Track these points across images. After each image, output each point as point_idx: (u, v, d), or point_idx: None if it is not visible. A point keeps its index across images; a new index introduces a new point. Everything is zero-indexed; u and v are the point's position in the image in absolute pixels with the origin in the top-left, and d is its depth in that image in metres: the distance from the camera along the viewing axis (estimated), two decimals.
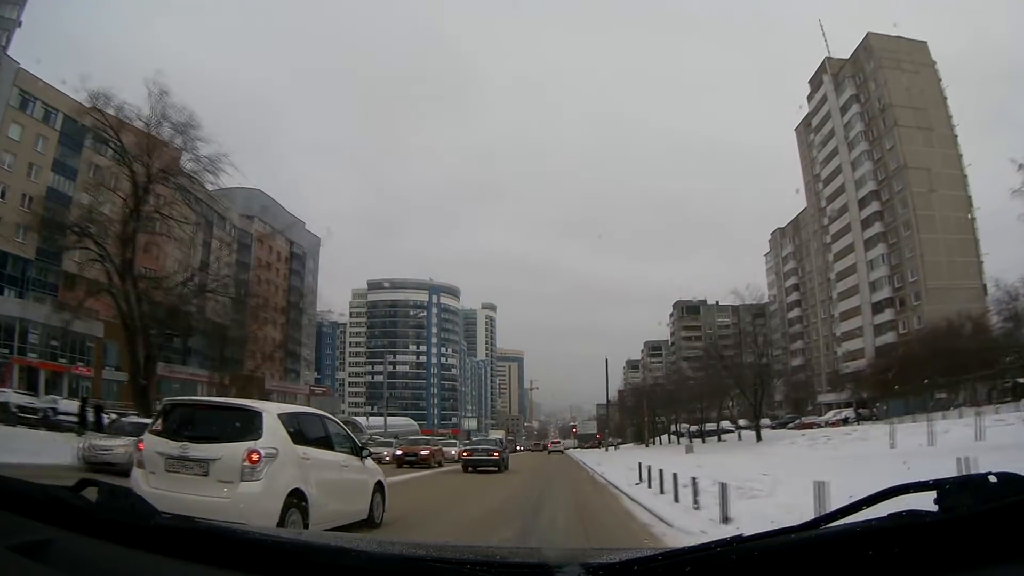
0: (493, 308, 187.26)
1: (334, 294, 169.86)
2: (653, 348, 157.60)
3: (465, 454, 24.98)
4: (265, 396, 73.18)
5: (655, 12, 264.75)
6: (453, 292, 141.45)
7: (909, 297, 60.95)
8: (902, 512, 1.04)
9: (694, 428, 59.02)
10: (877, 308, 63.56)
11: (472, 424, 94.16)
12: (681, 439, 58.02)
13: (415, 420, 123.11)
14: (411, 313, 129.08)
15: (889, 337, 60.88)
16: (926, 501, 1.06)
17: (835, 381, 65.54)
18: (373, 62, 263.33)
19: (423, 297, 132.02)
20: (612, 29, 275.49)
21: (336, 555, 1.27)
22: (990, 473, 1.04)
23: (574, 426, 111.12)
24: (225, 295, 27.92)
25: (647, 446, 60.01)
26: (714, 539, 1.15)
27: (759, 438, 35.12)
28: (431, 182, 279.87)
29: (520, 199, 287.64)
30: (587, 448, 78.26)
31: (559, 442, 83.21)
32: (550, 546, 2.97)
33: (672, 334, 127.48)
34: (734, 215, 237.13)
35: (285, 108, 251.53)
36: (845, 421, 51.28)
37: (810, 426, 50.55)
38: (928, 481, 1.08)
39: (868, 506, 1.12)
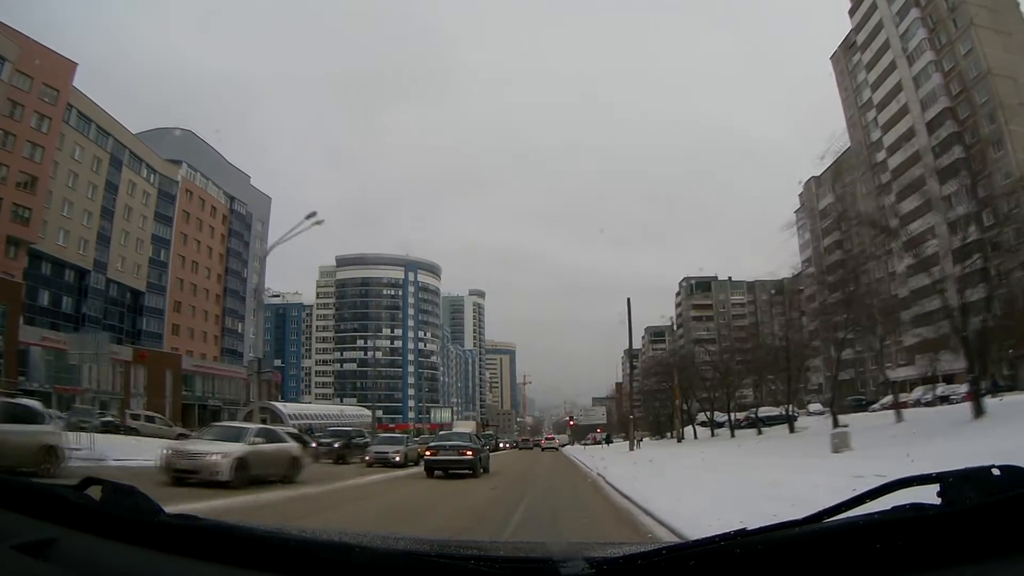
0: (481, 295, 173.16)
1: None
2: (655, 334, 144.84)
3: (428, 453, 19.62)
4: (180, 377, 58.89)
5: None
6: (433, 269, 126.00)
7: (1007, 236, 47.24)
8: (905, 505, 1.03)
9: (739, 415, 44.74)
10: (960, 256, 49.79)
11: (446, 416, 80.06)
12: (726, 430, 43.86)
13: (392, 413, 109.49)
14: (385, 292, 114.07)
15: (979, 292, 47.07)
16: (929, 494, 1.04)
17: (906, 353, 51.54)
18: (357, 52, 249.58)
19: (398, 275, 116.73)
20: (604, 17, 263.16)
21: (341, 551, 1.26)
22: (993, 466, 1.02)
23: (571, 418, 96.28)
24: None
25: (679, 440, 45.17)
26: (718, 533, 1.13)
27: (979, 412, 19.44)
28: (419, 176, 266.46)
29: (511, 193, 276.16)
30: (589, 445, 63.08)
31: (553, 438, 75.45)
32: (554, 540, 2.60)
33: (679, 315, 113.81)
34: (734, 203, 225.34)
35: (265, 97, 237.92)
36: (944, 399, 37.98)
37: (902, 405, 37.22)
38: (931, 474, 1.06)
39: (871, 499, 1.11)
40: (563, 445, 71.06)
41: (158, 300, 61.09)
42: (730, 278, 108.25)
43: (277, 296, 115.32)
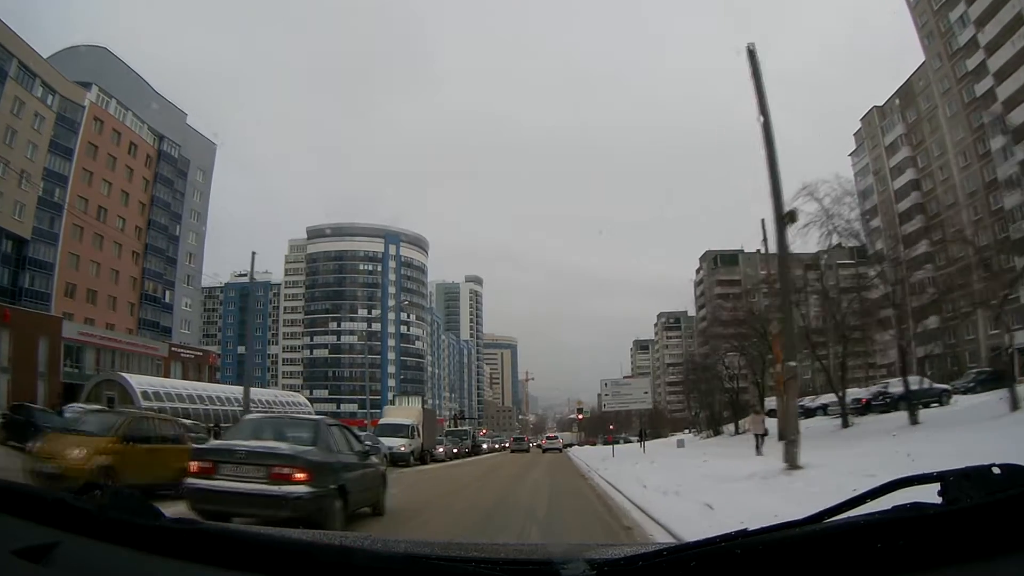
0: (479, 281, 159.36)
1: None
2: (671, 319, 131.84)
3: (196, 468, 7.00)
4: (60, 346, 45.72)
5: None
6: (418, 243, 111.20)
7: None
8: (906, 504, 1.03)
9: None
10: None
11: (414, 404, 66.29)
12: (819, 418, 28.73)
13: (372, 407, 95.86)
14: (362, 267, 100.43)
15: None
16: (930, 494, 1.03)
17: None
18: (345, 35, 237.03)
19: (378, 247, 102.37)
20: (606, 13, 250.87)
21: (342, 554, 1.28)
22: (994, 464, 1.02)
23: (580, 410, 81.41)
24: None
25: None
26: (719, 533, 1.13)
27: None
28: (417, 173, 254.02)
29: (511, 192, 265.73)
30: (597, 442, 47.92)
31: (556, 437, 64.66)
32: (555, 542, 2.74)
33: (700, 294, 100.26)
34: (736, 198, 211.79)
35: (243, 75, 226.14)
36: None
37: None
38: (932, 473, 1.06)
39: (872, 499, 1.11)
40: (567, 445, 59.23)
41: (48, 251, 48.11)
42: (758, 251, 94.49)
43: (243, 276, 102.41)
